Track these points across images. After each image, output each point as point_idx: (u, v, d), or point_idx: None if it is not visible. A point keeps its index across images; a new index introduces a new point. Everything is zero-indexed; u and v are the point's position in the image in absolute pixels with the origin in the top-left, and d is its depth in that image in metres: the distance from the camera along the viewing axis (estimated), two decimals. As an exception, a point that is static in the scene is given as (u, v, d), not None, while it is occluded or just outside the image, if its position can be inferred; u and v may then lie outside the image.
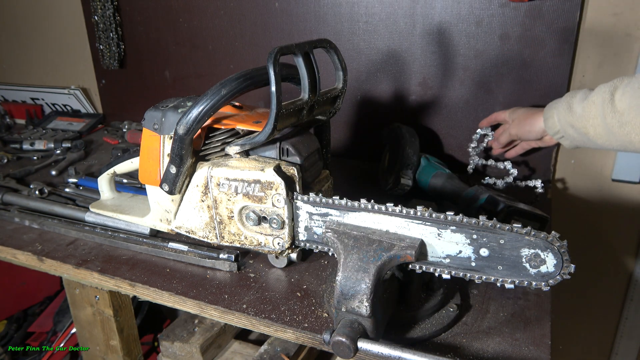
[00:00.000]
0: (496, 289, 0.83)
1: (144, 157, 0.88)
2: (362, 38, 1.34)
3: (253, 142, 0.79)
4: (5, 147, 1.60)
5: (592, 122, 0.86)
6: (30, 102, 1.99)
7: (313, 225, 0.79)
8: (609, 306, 1.40)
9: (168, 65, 1.65)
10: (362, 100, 1.41)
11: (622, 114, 0.80)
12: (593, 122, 0.86)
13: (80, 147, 1.56)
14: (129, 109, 1.81)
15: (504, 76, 1.23)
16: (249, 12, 1.45)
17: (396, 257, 0.66)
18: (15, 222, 1.08)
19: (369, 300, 0.64)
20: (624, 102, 0.80)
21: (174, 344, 1.20)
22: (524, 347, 0.70)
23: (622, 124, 0.80)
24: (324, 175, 0.91)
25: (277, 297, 0.82)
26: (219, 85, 0.76)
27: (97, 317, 1.03)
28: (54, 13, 1.84)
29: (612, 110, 0.81)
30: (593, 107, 0.85)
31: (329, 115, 0.92)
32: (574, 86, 1.21)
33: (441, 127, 1.34)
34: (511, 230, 0.63)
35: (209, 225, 0.86)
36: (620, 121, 0.80)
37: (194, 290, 0.84)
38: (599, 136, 0.86)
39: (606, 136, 0.85)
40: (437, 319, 0.75)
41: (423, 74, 1.31)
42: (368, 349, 0.62)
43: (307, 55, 0.78)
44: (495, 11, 1.18)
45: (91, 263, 0.93)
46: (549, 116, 0.97)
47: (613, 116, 0.81)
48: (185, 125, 0.77)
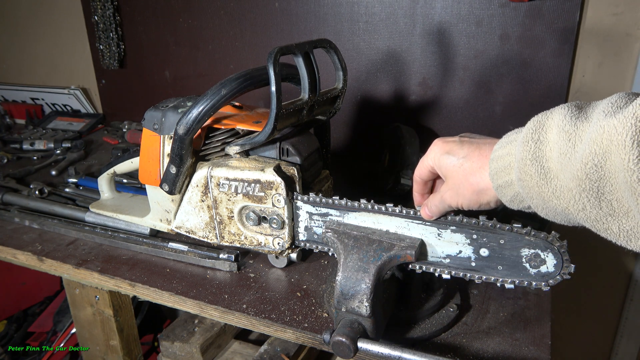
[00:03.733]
0: (496, 289, 0.83)
1: (144, 157, 0.88)
2: (362, 38, 1.34)
3: (253, 142, 0.79)
4: (5, 147, 1.60)
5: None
6: (30, 102, 1.99)
7: (313, 225, 0.79)
8: (609, 306, 1.40)
9: (168, 65, 1.65)
10: (362, 100, 1.41)
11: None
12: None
13: (80, 147, 1.56)
14: (129, 109, 1.81)
15: (504, 76, 1.23)
16: (249, 12, 1.45)
17: (396, 257, 0.66)
18: (15, 222, 1.08)
19: (369, 300, 0.64)
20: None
21: (174, 344, 1.20)
22: (524, 347, 0.70)
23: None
24: (324, 175, 0.91)
25: (277, 297, 0.82)
26: (219, 85, 0.76)
27: (97, 317, 1.03)
28: (54, 13, 1.84)
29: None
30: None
31: (329, 115, 0.92)
32: (574, 86, 1.22)
33: (441, 127, 1.34)
34: (511, 230, 0.63)
35: (209, 225, 0.86)
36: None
37: (194, 290, 0.84)
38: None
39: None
40: (437, 319, 0.75)
41: (423, 74, 1.31)
42: (368, 349, 0.62)
43: (307, 55, 0.78)
44: (495, 11, 1.18)
45: (91, 263, 0.93)
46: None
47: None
48: (185, 125, 0.77)
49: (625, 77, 1.17)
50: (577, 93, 1.22)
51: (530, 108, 1.23)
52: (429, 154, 0.64)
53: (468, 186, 0.59)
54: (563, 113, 0.48)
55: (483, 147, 0.59)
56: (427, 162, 0.65)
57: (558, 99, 1.20)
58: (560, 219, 0.52)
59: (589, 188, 0.44)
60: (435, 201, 0.65)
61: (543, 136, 0.49)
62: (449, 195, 0.62)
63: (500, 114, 1.26)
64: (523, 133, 0.51)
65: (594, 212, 0.45)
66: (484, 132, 1.27)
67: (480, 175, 0.58)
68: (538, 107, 1.24)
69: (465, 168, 0.59)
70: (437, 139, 0.64)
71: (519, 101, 1.23)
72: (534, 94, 1.22)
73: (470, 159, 0.59)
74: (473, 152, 0.59)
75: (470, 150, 0.59)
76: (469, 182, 0.59)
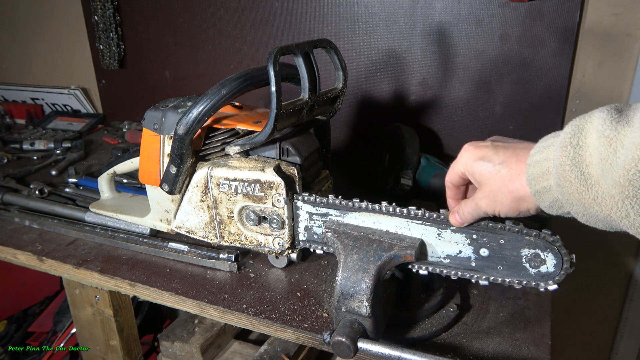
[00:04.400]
0: (496, 289, 0.83)
1: (144, 157, 0.88)
2: (362, 38, 1.34)
3: (253, 142, 0.79)
4: (5, 147, 1.60)
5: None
6: (30, 102, 1.99)
7: (313, 225, 0.79)
8: (609, 306, 1.40)
9: (168, 65, 1.65)
10: (362, 100, 1.41)
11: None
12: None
13: (80, 147, 1.56)
14: (129, 109, 1.81)
15: (504, 76, 1.23)
16: (249, 12, 1.45)
17: (396, 257, 0.66)
18: (15, 222, 1.08)
19: (369, 300, 0.64)
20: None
21: (174, 344, 1.20)
22: (524, 347, 0.70)
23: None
24: (324, 175, 0.91)
25: (277, 297, 0.82)
26: (219, 85, 0.76)
27: (97, 317, 1.03)
28: (54, 13, 1.84)
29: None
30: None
31: (329, 115, 0.92)
32: (574, 86, 1.22)
33: (441, 127, 1.34)
34: (511, 230, 0.63)
35: (209, 225, 0.86)
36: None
37: (194, 290, 0.84)
38: None
39: None
40: (437, 319, 0.75)
41: (423, 74, 1.31)
42: (368, 349, 0.62)
43: (307, 55, 0.78)
44: (495, 11, 1.18)
45: (91, 263, 0.93)
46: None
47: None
48: (185, 125, 0.77)
49: (625, 77, 1.17)
50: (577, 93, 1.22)
51: (530, 108, 1.23)
52: (459, 159, 0.62)
53: (507, 193, 0.57)
54: (602, 117, 0.47)
55: (520, 152, 0.57)
56: (457, 167, 0.63)
57: (558, 98, 1.20)
58: (602, 226, 0.51)
59: (632, 195, 0.43)
60: (469, 208, 0.62)
61: (582, 141, 0.48)
62: (485, 203, 0.60)
63: (500, 114, 1.26)
64: (561, 137, 0.50)
65: (638, 220, 0.45)
66: (484, 132, 1.28)
67: (519, 181, 0.56)
68: (538, 107, 1.24)
69: (502, 175, 0.57)
70: (467, 144, 0.62)
71: (519, 101, 1.23)
72: (534, 94, 1.22)
73: (508, 165, 0.57)
74: (510, 157, 0.57)
75: (506, 155, 0.57)
76: (508, 189, 0.57)
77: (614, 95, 1.19)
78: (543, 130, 0.54)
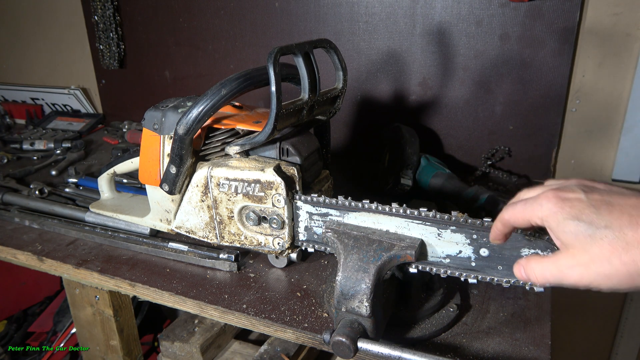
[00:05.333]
0: (496, 289, 0.83)
1: (144, 157, 0.88)
2: (362, 38, 1.34)
3: (253, 142, 0.79)
4: (5, 147, 1.60)
5: None
6: (30, 102, 1.99)
7: (313, 225, 0.79)
8: (609, 306, 1.40)
9: (168, 65, 1.65)
10: (362, 100, 1.41)
11: None
12: None
13: (80, 147, 1.56)
14: (129, 109, 1.81)
15: (504, 76, 1.23)
16: (249, 12, 1.45)
17: (396, 257, 0.66)
18: (15, 222, 1.08)
19: (369, 300, 0.64)
20: None
21: (174, 344, 1.19)
22: (524, 347, 0.70)
23: None
24: (324, 175, 0.91)
25: (277, 297, 0.82)
26: (219, 85, 0.76)
27: (97, 317, 1.03)
28: (54, 13, 1.84)
29: None
30: None
31: (329, 115, 0.92)
32: (574, 86, 1.22)
33: (441, 127, 1.34)
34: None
35: (209, 225, 0.86)
36: None
37: (194, 290, 0.84)
38: None
39: None
40: (437, 319, 0.75)
41: (423, 74, 1.31)
42: (368, 349, 0.62)
43: (307, 55, 0.78)
44: (495, 11, 1.18)
45: (91, 263, 0.93)
46: None
47: None
48: (185, 125, 0.77)
49: (625, 77, 1.17)
50: (577, 93, 1.22)
51: (530, 108, 1.23)
52: (538, 208, 0.50)
53: (620, 266, 0.45)
54: None
55: (633, 212, 0.46)
56: (533, 215, 0.50)
57: (558, 99, 1.20)
58: None
59: None
60: (549, 274, 0.50)
61: None
62: (578, 274, 0.48)
63: (500, 114, 1.26)
64: None
65: None
66: (484, 132, 1.28)
67: (637, 251, 0.44)
68: (538, 107, 1.24)
69: (611, 242, 0.45)
70: (550, 191, 0.50)
71: (519, 101, 1.23)
72: (534, 94, 1.22)
73: (619, 230, 0.45)
74: (619, 219, 0.46)
75: (613, 216, 0.46)
76: (621, 261, 0.45)
77: (614, 95, 1.19)
78: (543, 130, 0.54)
